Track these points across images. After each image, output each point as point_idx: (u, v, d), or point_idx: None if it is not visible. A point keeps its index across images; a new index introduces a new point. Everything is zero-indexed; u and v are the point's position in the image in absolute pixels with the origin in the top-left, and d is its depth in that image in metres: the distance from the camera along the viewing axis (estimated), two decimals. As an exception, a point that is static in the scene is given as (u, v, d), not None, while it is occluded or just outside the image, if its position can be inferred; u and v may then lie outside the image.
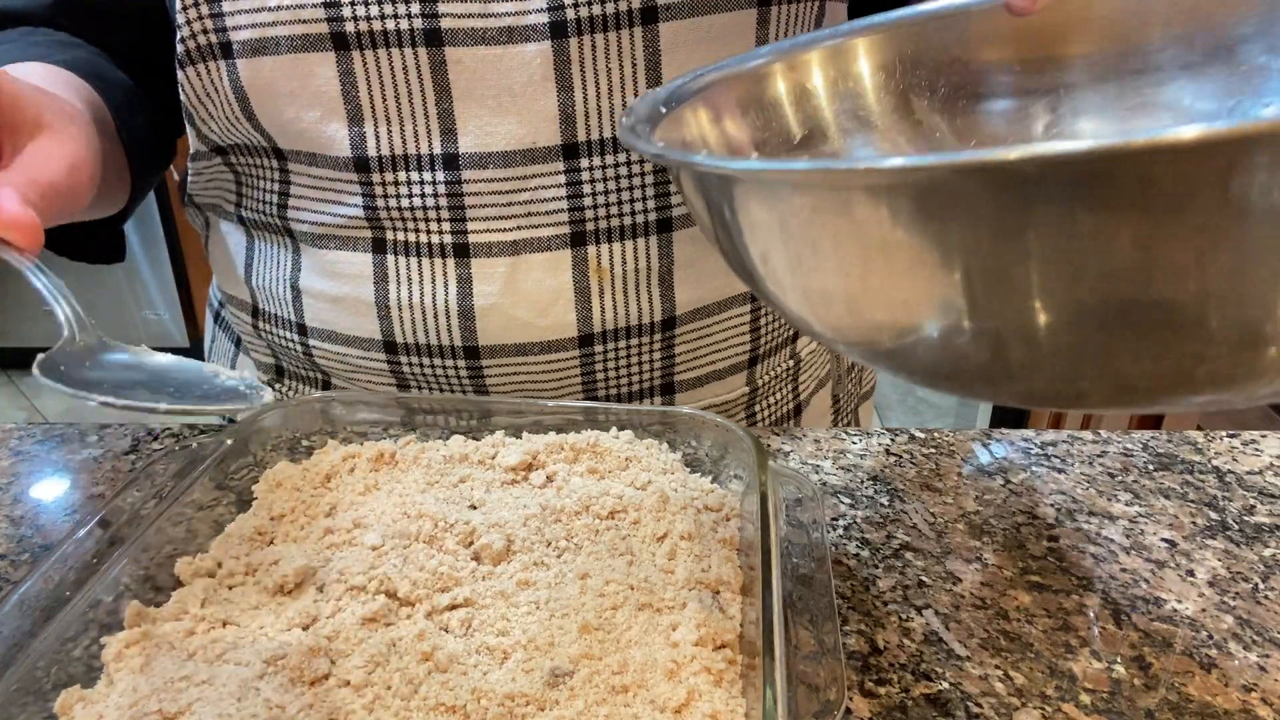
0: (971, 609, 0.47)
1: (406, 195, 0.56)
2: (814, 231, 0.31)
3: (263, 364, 0.70)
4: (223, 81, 0.55)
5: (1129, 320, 0.28)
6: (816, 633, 0.41)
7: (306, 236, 0.60)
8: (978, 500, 0.56)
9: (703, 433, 0.54)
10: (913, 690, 0.42)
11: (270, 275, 0.64)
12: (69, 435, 0.64)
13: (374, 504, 0.49)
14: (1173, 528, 0.53)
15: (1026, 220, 0.26)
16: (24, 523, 0.55)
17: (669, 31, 0.53)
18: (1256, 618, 0.46)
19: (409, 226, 0.57)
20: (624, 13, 0.52)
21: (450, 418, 0.57)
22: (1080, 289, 0.27)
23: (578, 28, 0.52)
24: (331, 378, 0.66)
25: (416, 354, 0.61)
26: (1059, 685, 0.42)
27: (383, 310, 0.60)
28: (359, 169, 0.56)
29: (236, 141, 0.59)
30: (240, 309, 0.68)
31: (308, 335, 0.63)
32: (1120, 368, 0.30)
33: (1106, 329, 0.28)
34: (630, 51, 0.53)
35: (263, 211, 0.62)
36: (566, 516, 0.47)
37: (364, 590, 0.42)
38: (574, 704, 0.37)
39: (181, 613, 0.42)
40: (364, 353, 0.62)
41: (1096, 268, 0.27)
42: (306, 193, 0.59)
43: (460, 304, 0.58)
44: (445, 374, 0.61)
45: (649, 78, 0.54)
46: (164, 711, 0.36)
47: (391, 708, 0.36)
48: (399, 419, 0.56)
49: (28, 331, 2.76)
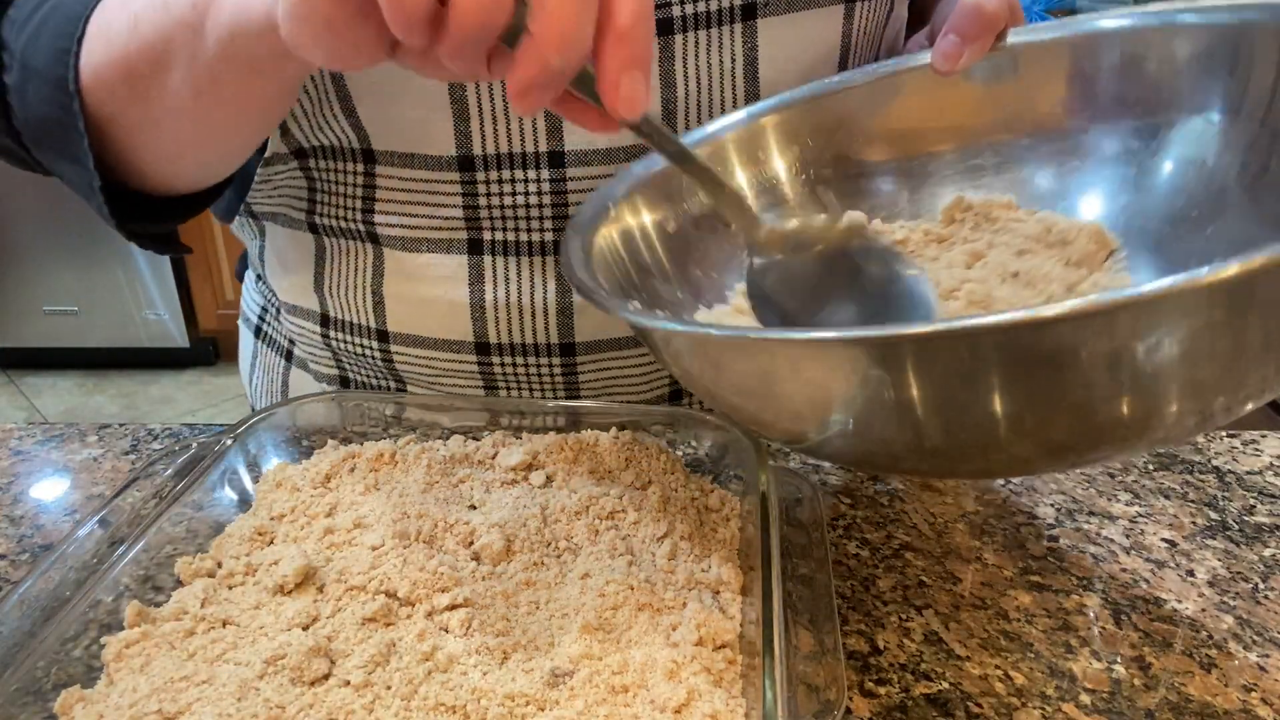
0: (971, 609, 0.47)
1: (509, 194, 0.56)
2: (710, 365, 0.41)
3: (323, 375, 0.68)
4: (323, 75, 0.54)
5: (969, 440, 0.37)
6: (816, 633, 0.41)
7: (394, 241, 0.59)
8: (978, 500, 0.56)
9: (703, 433, 0.54)
10: (913, 690, 0.42)
11: (347, 282, 0.62)
12: (69, 435, 0.64)
13: (374, 504, 0.49)
14: (1173, 528, 0.53)
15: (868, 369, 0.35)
16: (24, 523, 0.55)
17: (766, 27, 0.54)
18: (1256, 618, 0.46)
19: (509, 226, 0.57)
20: (726, 9, 0.53)
21: (451, 416, 0.57)
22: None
23: (683, 24, 0.53)
24: (409, 384, 0.65)
25: (510, 354, 0.61)
26: (1059, 685, 0.42)
27: (476, 311, 0.59)
28: (462, 168, 0.56)
29: (321, 143, 0.58)
30: (306, 319, 0.66)
31: (389, 341, 0.62)
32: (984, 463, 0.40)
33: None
34: (730, 47, 0.54)
35: (342, 217, 0.60)
36: (566, 516, 0.47)
37: (364, 590, 0.42)
38: (574, 704, 0.37)
39: (181, 613, 0.41)
40: (454, 355, 0.61)
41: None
42: (396, 195, 0.58)
43: (559, 301, 0.58)
44: (539, 373, 0.61)
45: (746, 73, 0.55)
46: (164, 711, 0.36)
47: (391, 708, 0.36)
48: (399, 419, 0.56)
49: (28, 331, 2.76)
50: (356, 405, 0.57)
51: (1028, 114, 0.53)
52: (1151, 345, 0.31)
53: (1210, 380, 0.33)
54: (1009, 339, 0.32)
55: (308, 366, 0.69)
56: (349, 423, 0.56)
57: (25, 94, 0.49)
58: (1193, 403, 0.34)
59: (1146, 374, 0.32)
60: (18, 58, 0.49)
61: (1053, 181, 0.53)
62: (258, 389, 0.75)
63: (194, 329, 2.76)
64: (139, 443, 0.63)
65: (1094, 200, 0.51)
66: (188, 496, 0.48)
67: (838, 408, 0.37)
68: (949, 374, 0.33)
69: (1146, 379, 0.32)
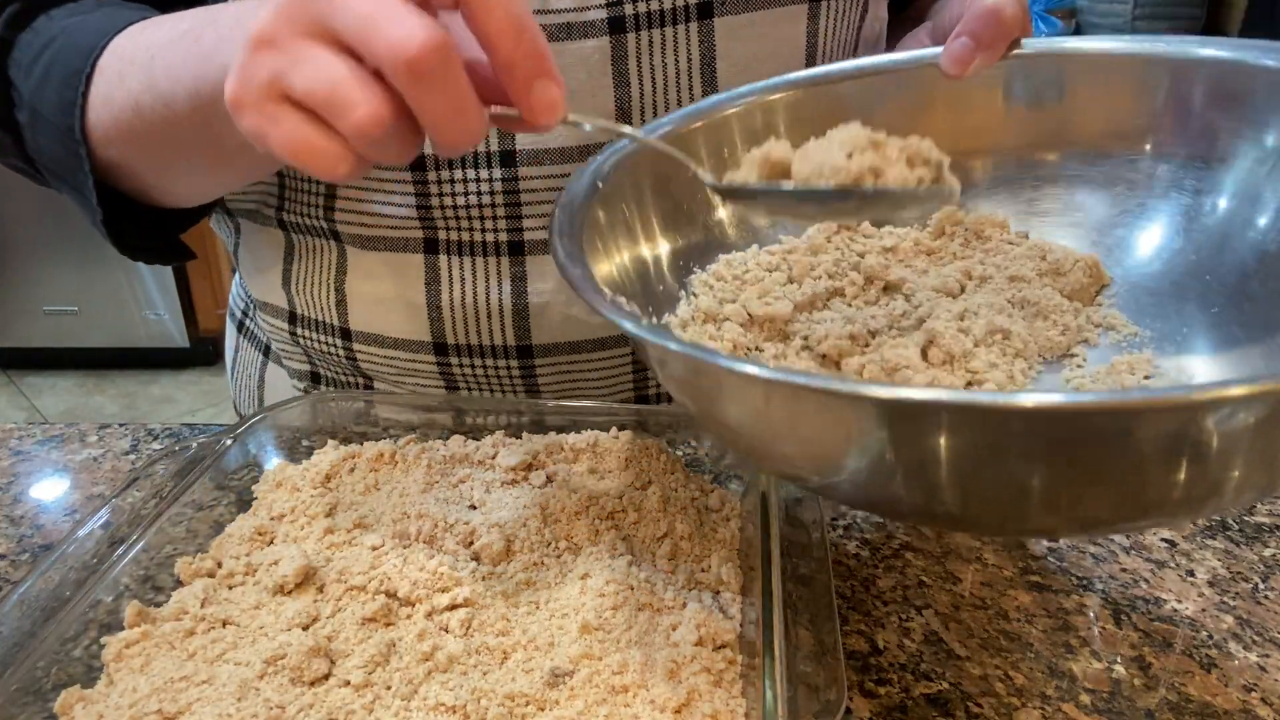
0: (971, 609, 0.47)
1: (462, 194, 0.56)
2: (712, 394, 0.37)
3: (297, 371, 0.69)
4: None
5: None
6: (816, 633, 0.41)
7: (354, 239, 0.60)
8: (978, 500, 0.56)
9: (703, 433, 0.54)
10: (913, 690, 0.42)
11: (312, 280, 0.63)
12: (69, 435, 0.64)
13: (374, 504, 0.49)
14: (1172, 528, 0.53)
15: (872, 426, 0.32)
16: (24, 523, 0.55)
17: (724, 26, 0.54)
18: (1256, 618, 0.46)
19: (463, 225, 0.57)
20: (680, 8, 0.53)
21: (451, 416, 0.57)
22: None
23: (635, 23, 0.52)
24: (375, 382, 0.65)
25: (468, 355, 0.61)
26: (1059, 685, 0.42)
27: (434, 311, 0.59)
28: (413, 168, 0.56)
29: None
30: (275, 316, 0.67)
31: (352, 339, 0.63)
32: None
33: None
34: (686, 46, 0.54)
35: (307, 214, 0.61)
36: (566, 516, 0.47)
37: (364, 590, 0.42)
38: (574, 704, 0.37)
39: (181, 613, 0.41)
40: (413, 355, 0.61)
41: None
42: (354, 193, 0.58)
43: (514, 303, 0.58)
44: (497, 374, 0.61)
45: (704, 72, 0.55)
46: (164, 711, 0.36)
47: (391, 708, 0.36)
48: (400, 418, 0.56)
49: (28, 331, 2.76)
50: (357, 406, 0.57)
51: (1065, 133, 0.50)
52: (1229, 439, 0.28)
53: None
54: (1077, 421, 0.28)
55: (282, 362, 0.70)
56: (349, 423, 0.56)
57: (36, 133, 0.52)
58: (1253, 489, 0.32)
59: (1214, 464, 0.29)
60: (27, 100, 0.51)
61: (1108, 208, 0.49)
62: (238, 383, 0.76)
63: (194, 329, 2.76)
64: (139, 443, 0.63)
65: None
66: (188, 496, 0.48)
67: (846, 461, 0.34)
68: (979, 446, 0.30)
69: (1213, 469, 0.29)
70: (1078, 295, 0.47)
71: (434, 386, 0.63)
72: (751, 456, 0.41)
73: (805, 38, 0.56)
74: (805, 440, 0.34)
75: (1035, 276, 0.47)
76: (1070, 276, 0.47)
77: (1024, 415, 0.28)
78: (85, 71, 0.49)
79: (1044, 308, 0.46)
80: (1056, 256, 0.48)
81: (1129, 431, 0.28)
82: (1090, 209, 0.50)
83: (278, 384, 0.71)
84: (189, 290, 2.70)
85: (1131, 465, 0.29)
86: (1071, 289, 0.47)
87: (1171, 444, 0.28)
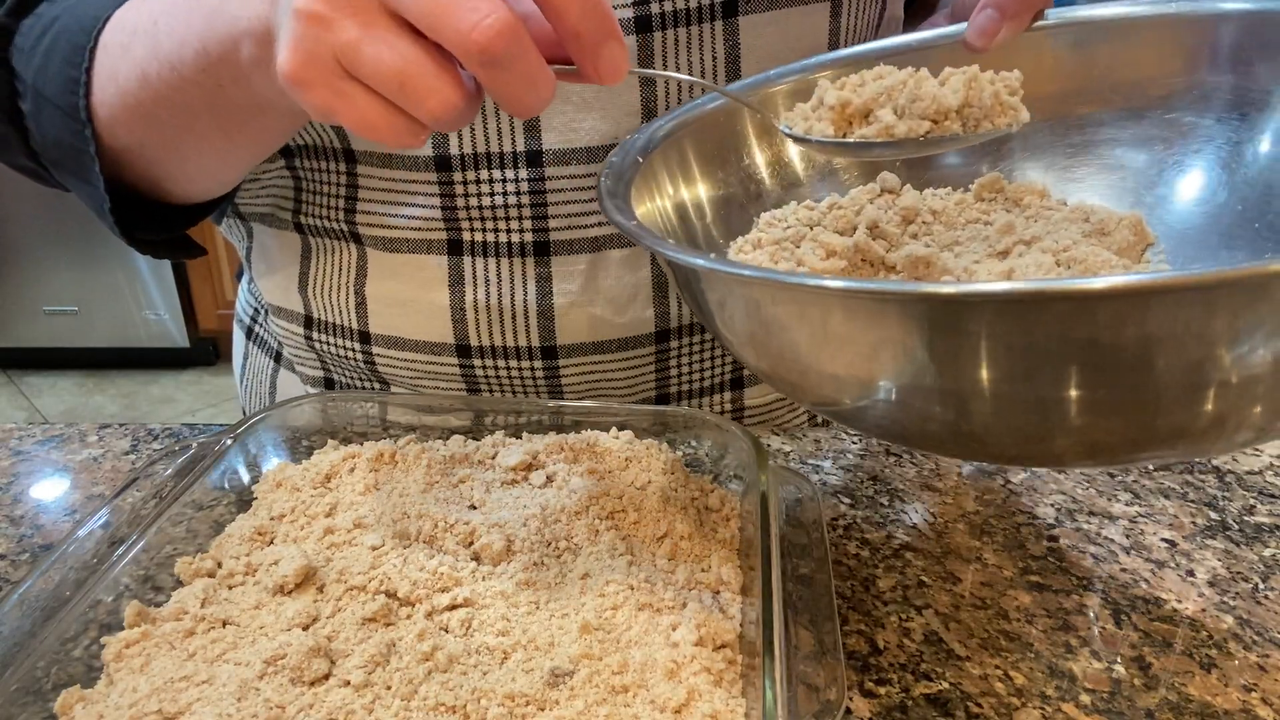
0: (971, 609, 0.47)
1: (488, 194, 0.56)
2: (761, 318, 0.37)
3: (310, 377, 0.68)
4: None
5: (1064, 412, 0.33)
6: (816, 633, 0.41)
7: (375, 241, 0.59)
8: (978, 500, 0.56)
9: (703, 433, 0.54)
10: (913, 690, 0.42)
11: (330, 283, 0.62)
12: (69, 435, 0.64)
13: (374, 504, 0.49)
14: (1173, 528, 0.53)
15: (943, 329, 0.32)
16: (24, 523, 0.55)
17: (748, 24, 0.54)
18: (1256, 618, 0.46)
19: (488, 226, 0.57)
20: (705, 6, 0.53)
21: (450, 417, 0.57)
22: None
23: (661, 22, 0.53)
24: (393, 386, 0.65)
25: (491, 356, 0.60)
26: (1059, 685, 0.42)
27: (457, 313, 0.59)
28: (439, 168, 0.55)
29: (306, 142, 0.58)
30: (290, 321, 0.66)
31: (371, 343, 0.62)
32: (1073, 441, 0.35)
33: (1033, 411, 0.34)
34: (711, 44, 0.54)
35: (326, 217, 0.61)
36: (566, 517, 0.47)
37: (364, 590, 0.42)
38: (574, 704, 0.37)
39: (181, 613, 0.41)
40: (434, 357, 0.61)
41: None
42: (377, 195, 0.58)
43: (539, 303, 0.58)
44: (520, 375, 0.61)
45: (728, 70, 0.55)
46: (164, 711, 0.36)
47: (391, 708, 0.36)
48: (400, 419, 0.56)
49: (28, 331, 2.76)
50: (356, 406, 0.57)
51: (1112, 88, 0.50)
52: (1255, 339, 0.29)
53: None
54: (1121, 303, 0.29)
55: (295, 368, 0.70)
56: (349, 423, 0.56)
57: (40, 120, 0.51)
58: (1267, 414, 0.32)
59: (1241, 372, 0.30)
60: (30, 86, 0.51)
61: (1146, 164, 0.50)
62: (248, 390, 0.75)
63: (194, 329, 2.76)
64: (139, 443, 0.63)
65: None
66: (188, 496, 0.48)
67: (896, 371, 0.34)
68: (1018, 345, 0.31)
69: (1241, 378, 0.30)
70: (1124, 254, 0.46)
71: (455, 388, 0.63)
72: (797, 389, 0.41)
73: (828, 35, 0.56)
74: (860, 356, 0.35)
75: (1081, 238, 0.46)
76: (1115, 235, 0.46)
77: (1104, 298, 0.29)
78: (89, 46, 0.48)
79: (1092, 264, 0.45)
80: (1100, 217, 0.47)
81: (1201, 311, 0.29)
82: (1128, 170, 0.50)
83: (290, 390, 0.70)
84: (189, 290, 2.70)
85: (1181, 359, 0.30)
86: (1119, 248, 0.46)
87: (1236, 328, 0.29)
